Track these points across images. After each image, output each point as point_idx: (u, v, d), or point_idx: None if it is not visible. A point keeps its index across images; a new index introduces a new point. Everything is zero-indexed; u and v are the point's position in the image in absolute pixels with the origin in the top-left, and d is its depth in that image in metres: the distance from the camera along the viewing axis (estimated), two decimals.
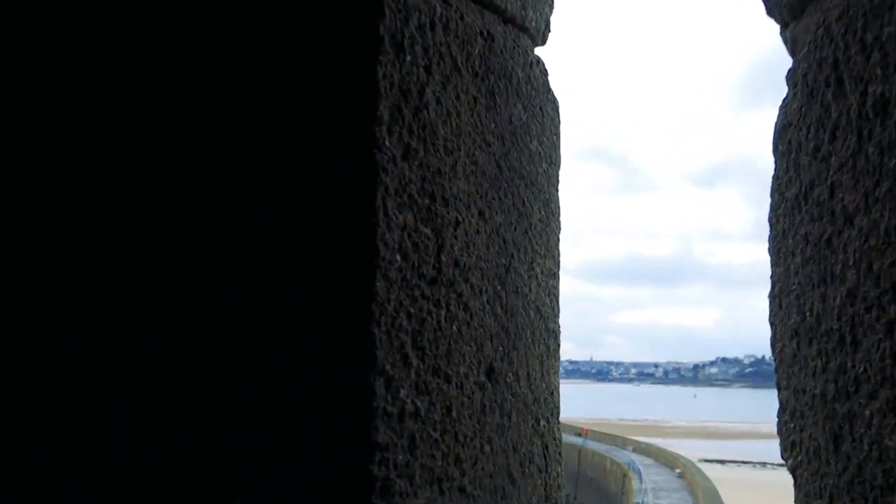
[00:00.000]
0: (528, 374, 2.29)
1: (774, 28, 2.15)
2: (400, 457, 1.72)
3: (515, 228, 2.26)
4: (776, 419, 2.13)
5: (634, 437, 73.90)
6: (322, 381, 1.71)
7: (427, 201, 1.86)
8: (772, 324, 2.15)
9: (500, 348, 2.14)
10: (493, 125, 2.13)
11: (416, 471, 1.76)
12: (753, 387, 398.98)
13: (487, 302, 2.09)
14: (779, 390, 2.10)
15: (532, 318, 2.34)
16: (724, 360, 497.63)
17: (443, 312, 1.88)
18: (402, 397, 1.73)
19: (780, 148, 1.99)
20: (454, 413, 1.90)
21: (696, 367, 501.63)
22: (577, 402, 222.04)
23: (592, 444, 66.99)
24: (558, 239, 2.59)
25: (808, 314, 1.75)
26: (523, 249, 2.31)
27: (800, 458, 1.83)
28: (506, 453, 2.13)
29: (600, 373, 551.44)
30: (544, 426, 2.36)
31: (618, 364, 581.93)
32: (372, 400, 1.67)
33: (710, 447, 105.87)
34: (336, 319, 1.71)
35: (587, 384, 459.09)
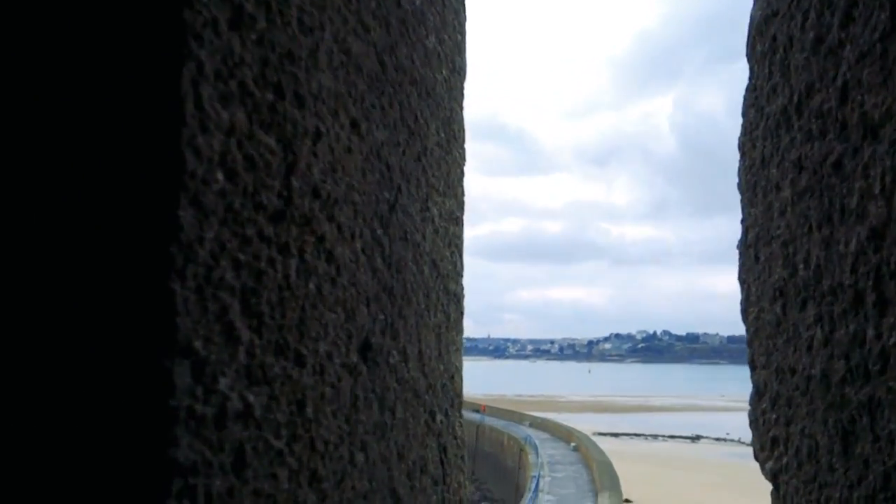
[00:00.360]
0: (419, 352, 1.69)
1: (662, 9, 1.52)
2: (218, 482, 1.12)
3: (405, 152, 1.65)
4: (749, 407, 1.64)
5: (531, 413, 74.81)
6: (87, 370, 1.07)
7: (270, 96, 1.25)
8: (743, 282, 1.65)
9: (381, 317, 1.56)
10: (373, 3, 1.51)
11: (245, 502, 1.18)
12: (645, 362, 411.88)
13: (363, 251, 1.51)
14: (752, 370, 1.58)
15: (427, 277, 1.74)
16: (617, 336, 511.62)
17: (293, 263, 1.29)
18: (222, 390, 1.14)
19: (760, 48, 1.50)
20: (310, 410, 1.33)
21: (590, 343, 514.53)
22: (474, 379, 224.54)
23: (490, 420, 67.47)
24: (462, 172, 1.98)
25: (800, 267, 1.31)
26: (415, 182, 1.69)
27: (785, 460, 1.38)
28: (387, 463, 1.57)
29: (497, 349, 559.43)
30: (442, 422, 1.78)
31: (515, 341, 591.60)
32: (169, 396, 1.06)
33: (604, 421, 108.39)
34: (113, 270, 1.08)
35: (485, 361, 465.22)
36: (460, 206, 1.99)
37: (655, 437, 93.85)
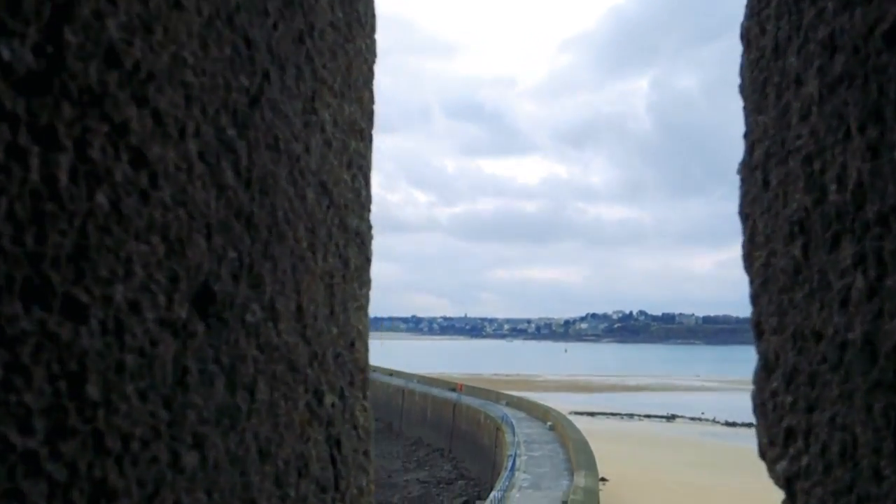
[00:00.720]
0: (298, 308, 1.25)
1: None
2: None
3: (276, 25, 1.19)
4: (753, 386, 1.28)
5: (507, 392, 75.03)
6: None
7: None
8: (745, 218, 1.30)
9: (232, 254, 1.11)
10: None
11: None
12: (621, 342, 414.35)
13: (201, 156, 1.06)
14: (758, 336, 1.21)
15: (311, 204, 1.28)
16: (593, 316, 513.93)
17: (65, 161, 0.85)
18: None
19: None
20: (93, 390, 0.89)
21: (566, 322, 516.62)
22: (451, 358, 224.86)
23: (467, 399, 67.59)
24: (371, 72, 1.46)
25: (831, 189, 0.96)
26: (294, 71, 1.23)
27: (805, 460, 1.01)
28: (240, 465, 1.12)
29: (474, 329, 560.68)
30: (335, 406, 1.34)
31: (491, 320, 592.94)
32: None
33: (580, 400, 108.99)
34: None
35: (462, 340, 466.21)
36: (367, 116, 1.46)
37: (631, 416, 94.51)
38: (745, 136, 1.26)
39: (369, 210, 1.50)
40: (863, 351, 0.85)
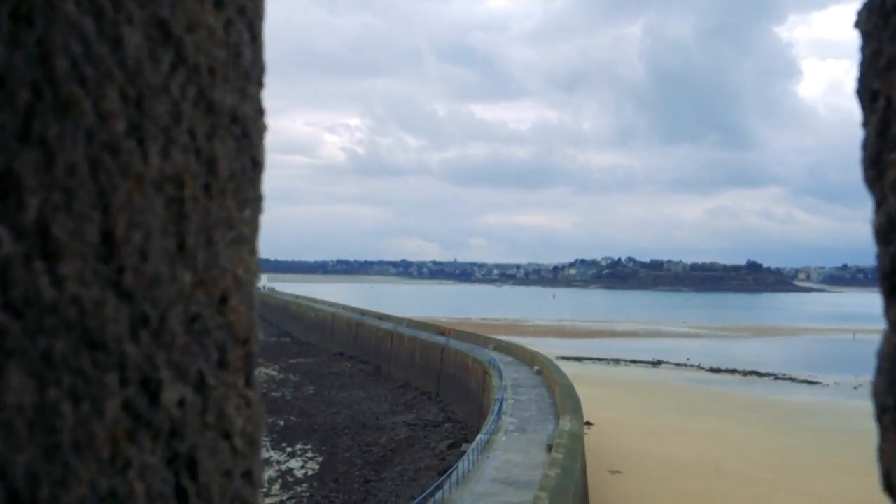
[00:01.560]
0: (105, 235, 0.75)
1: None
2: None
3: None
4: (875, 377, 0.86)
5: (496, 336, 75.52)
6: None
7: None
8: (872, 95, 0.86)
9: None
10: None
11: None
12: (609, 288, 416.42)
13: None
14: (891, 293, 0.77)
15: (133, 51, 0.79)
16: (582, 262, 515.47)
17: None
18: None
19: None
20: None
21: (555, 268, 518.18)
22: (440, 303, 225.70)
23: (455, 343, 68.01)
24: None
25: None
26: None
27: None
28: None
29: (464, 274, 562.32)
30: (183, 407, 0.81)
31: (481, 265, 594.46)
32: None
33: (567, 345, 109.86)
34: None
35: (451, 285, 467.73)
36: None
37: (618, 361, 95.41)
38: None
39: (261, 85, 1.01)
40: None
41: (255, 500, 0.95)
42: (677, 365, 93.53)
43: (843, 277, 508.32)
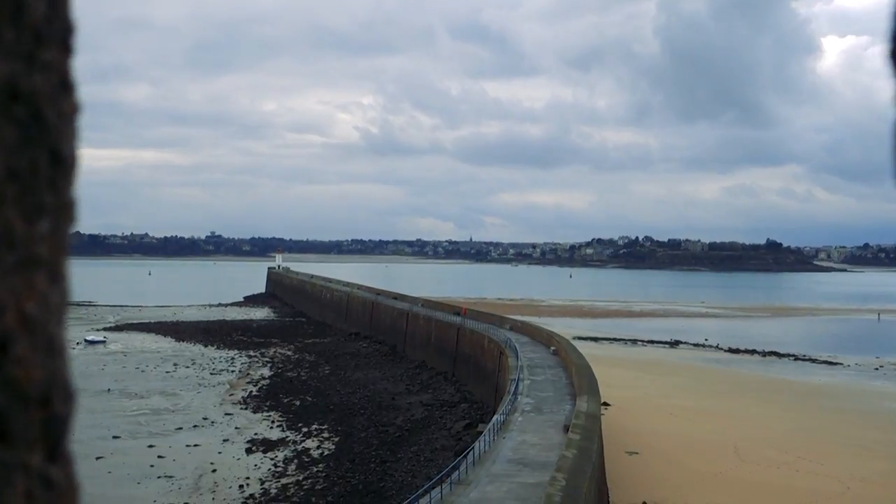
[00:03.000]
0: None
1: None
2: None
3: None
4: None
5: (512, 316, 75.20)
6: None
7: None
8: None
9: None
10: None
11: None
12: (626, 268, 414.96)
13: None
14: None
15: None
16: (599, 241, 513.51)
17: None
18: None
19: None
20: None
21: (572, 248, 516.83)
22: (456, 283, 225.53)
23: (471, 323, 67.73)
24: None
25: None
26: None
27: None
28: None
29: (479, 253, 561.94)
30: None
31: (497, 244, 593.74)
32: None
33: (584, 325, 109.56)
34: None
35: (466, 264, 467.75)
36: None
37: (635, 341, 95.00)
38: None
39: (67, 49, 0.77)
40: None
41: None
42: (695, 345, 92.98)
43: (864, 257, 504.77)
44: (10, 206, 0.67)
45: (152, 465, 42.24)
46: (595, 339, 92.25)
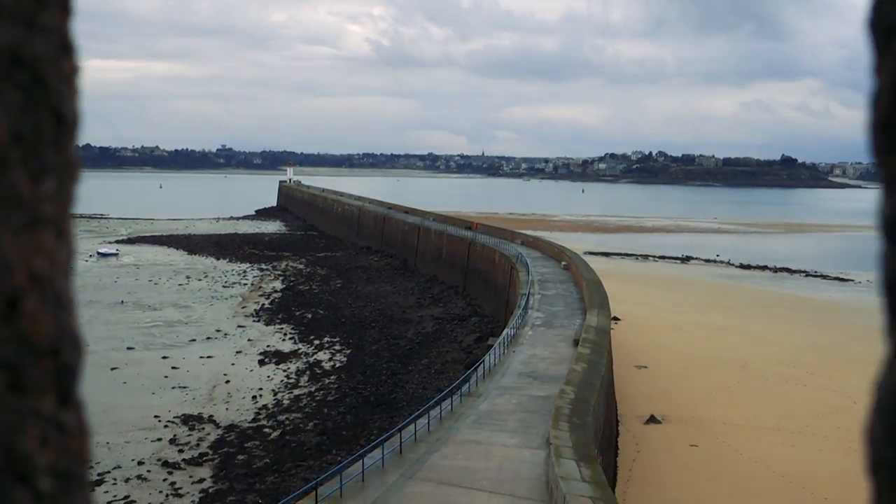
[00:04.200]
0: None
1: None
2: None
3: None
4: (881, 366, 0.74)
5: (523, 231, 75.01)
6: None
7: None
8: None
9: None
10: None
11: None
12: (639, 183, 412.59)
13: None
14: (889, 236, 0.67)
15: None
16: (612, 156, 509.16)
17: None
18: None
19: None
20: None
21: (584, 162, 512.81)
22: (467, 198, 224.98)
23: (482, 238, 67.64)
24: None
25: None
26: None
27: None
28: None
29: (491, 167, 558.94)
30: None
31: (509, 159, 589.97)
32: None
33: (595, 240, 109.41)
34: None
35: (478, 178, 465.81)
36: None
37: (646, 257, 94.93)
38: None
39: (67, 11, 0.79)
40: None
41: None
42: (707, 261, 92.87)
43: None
44: (16, 168, 0.69)
45: (166, 376, 42.85)
46: (606, 255, 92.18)
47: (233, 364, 45.83)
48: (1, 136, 0.70)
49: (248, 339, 52.00)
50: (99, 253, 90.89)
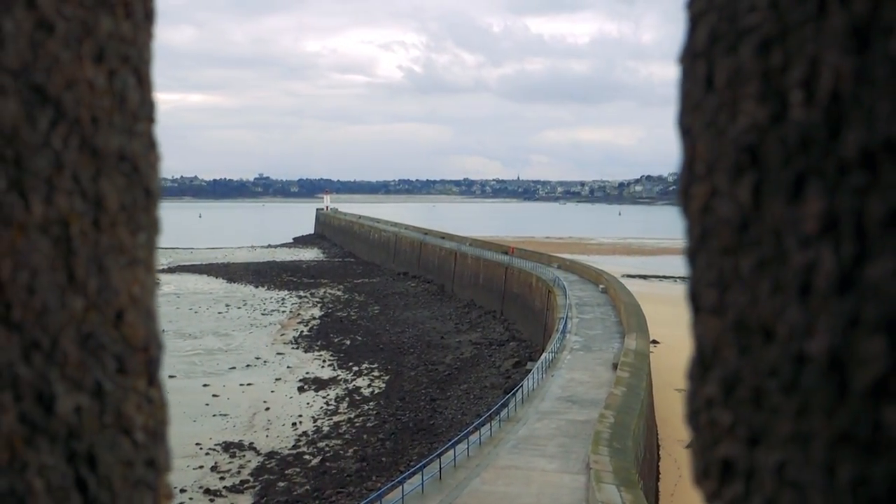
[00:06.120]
0: None
1: None
2: None
3: None
4: (687, 381, 0.82)
5: (560, 255, 74.85)
6: None
7: None
8: (684, 131, 0.93)
9: None
10: None
11: None
12: (676, 204, 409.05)
13: None
14: (693, 312, 0.82)
15: (8, 118, 0.86)
16: (648, 178, 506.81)
17: None
18: None
19: None
20: None
21: (621, 185, 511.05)
22: (503, 221, 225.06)
23: (518, 262, 67.61)
24: None
25: (796, 95, 0.64)
26: None
27: None
28: None
29: (527, 192, 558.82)
30: (80, 413, 0.95)
31: (544, 183, 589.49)
32: None
33: (633, 263, 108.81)
34: None
35: (514, 203, 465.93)
36: None
37: (685, 279, 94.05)
38: (687, 3, 0.81)
39: (151, 119, 1.01)
40: (827, 376, 0.53)
41: (157, 482, 1.06)
42: None
43: None
44: (122, 227, 0.98)
45: (207, 404, 43.24)
46: (644, 277, 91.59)
47: (272, 391, 46.14)
48: (113, 206, 0.97)
49: (288, 366, 52.34)
50: None
